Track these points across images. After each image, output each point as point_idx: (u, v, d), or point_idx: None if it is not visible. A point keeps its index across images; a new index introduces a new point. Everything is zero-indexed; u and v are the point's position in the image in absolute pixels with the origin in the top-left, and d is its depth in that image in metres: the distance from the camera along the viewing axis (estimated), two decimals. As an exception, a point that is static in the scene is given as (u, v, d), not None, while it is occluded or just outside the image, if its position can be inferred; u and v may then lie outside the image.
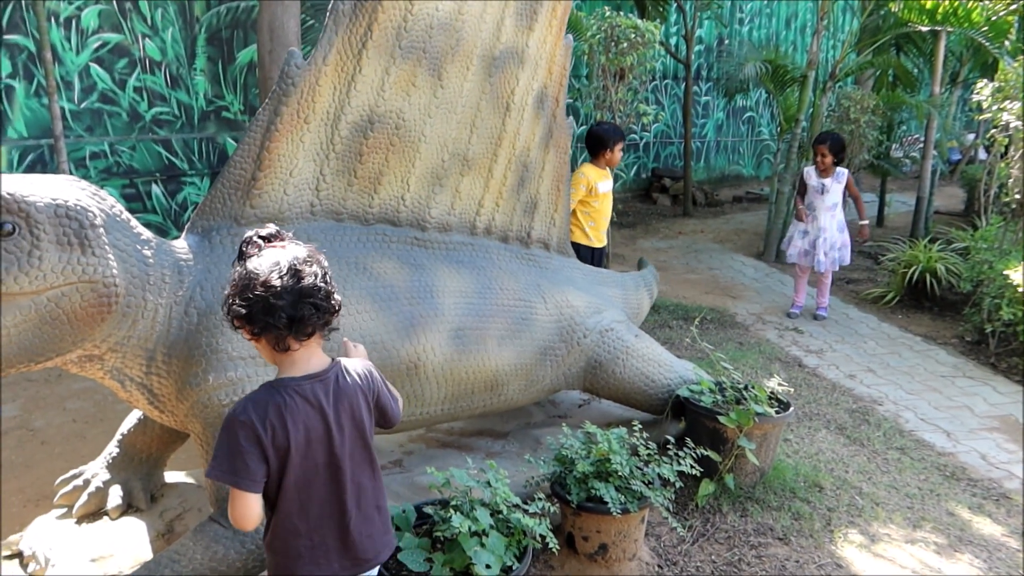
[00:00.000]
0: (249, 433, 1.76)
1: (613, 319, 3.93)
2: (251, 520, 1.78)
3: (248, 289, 1.78)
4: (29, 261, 2.19)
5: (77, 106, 7.29)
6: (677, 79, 13.27)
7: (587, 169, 5.45)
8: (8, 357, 2.24)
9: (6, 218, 2.16)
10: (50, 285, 2.24)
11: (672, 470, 3.11)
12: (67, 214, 2.29)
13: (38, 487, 3.79)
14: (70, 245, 2.28)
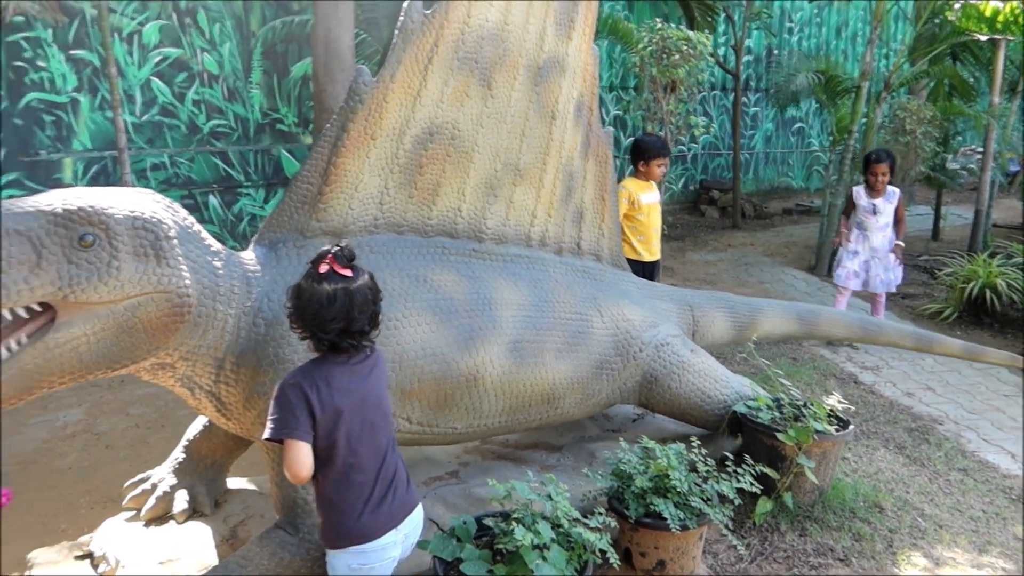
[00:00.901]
0: (297, 392, 2.03)
1: (669, 333, 3.91)
2: (305, 468, 2.02)
3: (305, 311, 2.08)
4: (108, 271, 2.26)
5: (138, 119, 7.51)
6: (726, 90, 13.17)
7: (628, 182, 5.43)
8: (88, 364, 2.32)
9: (87, 230, 2.24)
10: (127, 295, 2.31)
11: (731, 487, 3.08)
12: (144, 226, 2.36)
13: (105, 490, 3.90)
14: (146, 256, 2.35)
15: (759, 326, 4.55)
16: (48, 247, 2.18)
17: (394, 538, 2.21)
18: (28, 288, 2.14)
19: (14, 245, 2.13)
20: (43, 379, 2.26)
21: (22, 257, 2.13)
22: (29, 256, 2.15)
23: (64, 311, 2.24)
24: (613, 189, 4.06)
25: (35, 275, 2.15)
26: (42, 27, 6.92)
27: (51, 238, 2.19)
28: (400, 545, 2.26)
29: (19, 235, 2.15)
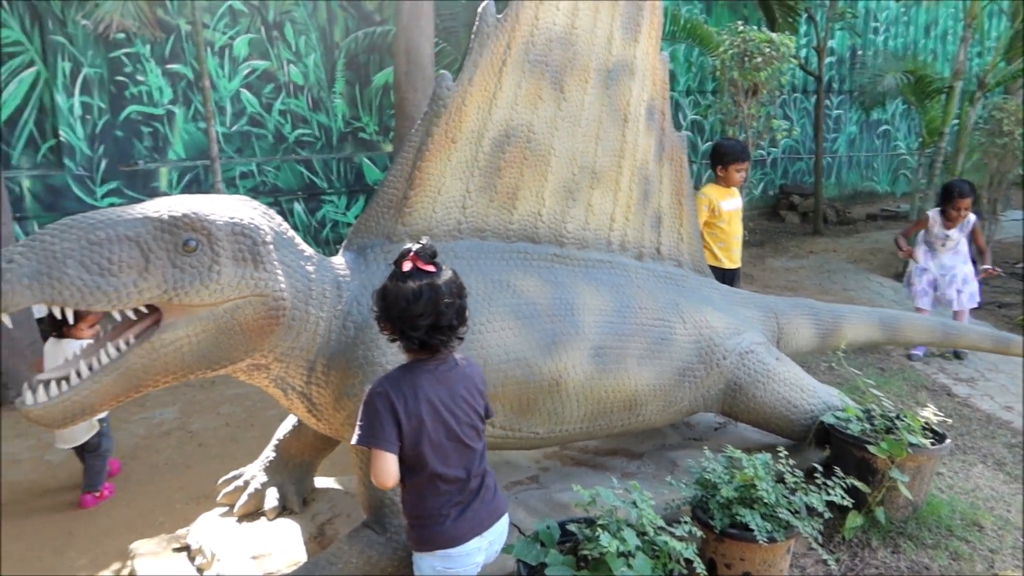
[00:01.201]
0: (384, 400, 2.05)
1: (753, 341, 3.83)
2: (390, 477, 2.05)
3: (392, 309, 2.09)
4: (209, 275, 2.36)
5: (228, 129, 7.81)
6: (807, 92, 12.85)
7: (709, 189, 5.35)
8: (190, 364, 2.42)
9: (190, 235, 2.34)
10: (227, 298, 2.40)
11: (821, 499, 2.99)
12: (242, 232, 2.45)
13: (198, 486, 4.06)
14: (244, 261, 2.44)
15: (843, 333, 4.43)
16: (155, 252, 2.29)
17: (479, 544, 2.22)
18: (137, 291, 2.25)
19: (124, 250, 2.24)
20: (149, 378, 2.37)
21: (131, 261, 2.25)
22: (138, 261, 2.26)
23: (168, 313, 2.35)
24: (689, 193, 4.01)
25: (143, 278, 2.26)
26: (141, 43, 7.27)
27: (158, 243, 2.30)
28: (485, 551, 2.26)
29: (129, 240, 2.26)
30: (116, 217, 2.31)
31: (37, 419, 2.22)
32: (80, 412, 2.28)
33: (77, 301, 2.16)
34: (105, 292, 2.19)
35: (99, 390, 2.28)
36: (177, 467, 4.34)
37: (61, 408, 2.24)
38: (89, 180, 7.15)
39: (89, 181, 7.15)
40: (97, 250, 2.20)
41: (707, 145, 11.88)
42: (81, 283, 2.16)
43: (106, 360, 2.30)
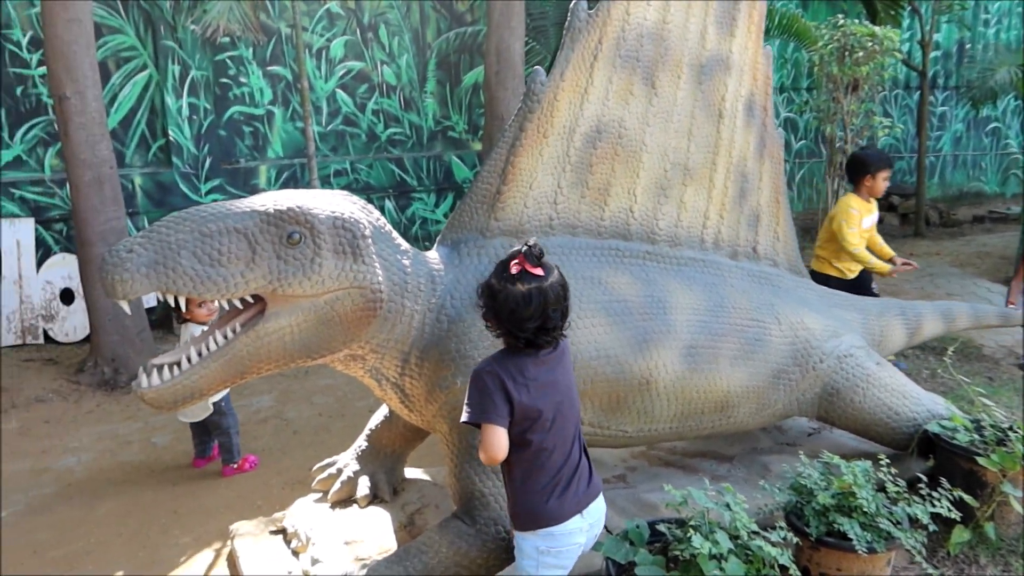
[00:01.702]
0: (493, 378, 2.09)
1: (852, 344, 3.69)
2: (501, 450, 2.07)
3: (501, 311, 2.12)
4: (311, 267, 2.43)
5: (324, 128, 8.05)
6: (909, 89, 12.30)
7: (854, 201, 5.12)
8: (291, 352, 2.51)
9: (294, 228, 2.42)
10: (327, 289, 2.47)
11: (925, 511, 2.85)
12: (343, 225, 2.52)
13: (293, 472, 4.20)
14: (345, 254, 2.51)
15: (923, 331, 4.40)
16: (261, 244, 2.38)
17: (579, 524, 2.23)
18: (244, 281, 2.34)
19: (233, 242, 2.34)
20: (253, 364, 2.47)
21: (240, 253, 2.35)
22: (245, 252, 2.36)
23: (273, 303, 2.44)
24: (786, 191, 3.91)
25: (250, 269, 2.36)
26: (244, 46, 7.58)
27: (264, 236, 2.39)
28: (585, 533, 2.27)
29: (238, 233, 2.36)
30: (226, 211, 2.41)
31: (151, 401, 2.34)
32: (189, 396, 2.39)
33: (190, 290, 2.27)
34: (215, 282, 2.29)
35: (207, 375, 2.39)
36: (273, 453, 4.50)
37: (172, 392, 2.35)
38: (195, 177, 7.50)
39: (195, 178, 7.50)
40: (208, 241, 2.31)
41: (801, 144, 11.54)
42: (193, 273, 2.27)
43: (214, 347, 2.40)
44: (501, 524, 2.61)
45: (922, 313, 4.39)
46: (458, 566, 2.58)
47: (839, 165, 6.55)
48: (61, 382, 5.69)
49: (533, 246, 2.18)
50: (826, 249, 5.30)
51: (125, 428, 4.98)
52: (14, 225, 6.63)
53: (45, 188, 6.93)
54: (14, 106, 6.86)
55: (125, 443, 4.76)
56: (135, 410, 5.22)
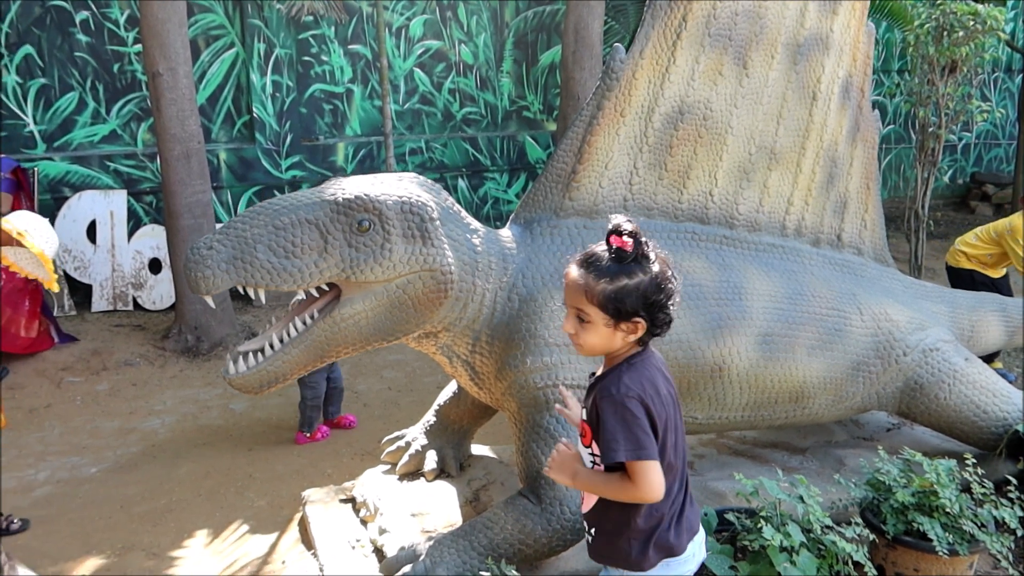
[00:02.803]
0: (637, 404, 1.84)
1: (939, 338, 3.53)
2: (660, 487, 1.81)
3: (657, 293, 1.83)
4: (382, 253, 2.48)
5: (401, 107, 8.14)
6: (1011, 71, 11.64)
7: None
8: (367, 336, 2.57)
9: (363, 216, 2.46)
10: (399, 274, 2.51)
11: (1014, 515, 2.72)
12: (411, 210, 2.54)
13: (363, 443, 4.29)
14: (414, 238, 2.53)
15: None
16: (332, 233, 2.44)
17: (694, 549, 2.00)
18: (318, 271, 2.42)
19: (306, 233, 2.41)
20: (331, 349, 2.54)
21: (312, 243, 2.42)
22: (318, 242, 2.43)
23: (347, 289, 2.50)
24: (878, 177, 3.75)
25: (323, 259, 2.43)
26: (327, 25, 7.70)
27: (335, 225, 2.45)
28: (697, 557, 2.03)
29: (310, 224, 2.43)
30: (297, 202, 2.48)
31: (239, 387, 2.46)
32: (273, 380, 2.49)
33: (267, 282, 2.37)
34: (291, 273, 2.37)
35: (289, 360, 2.48)
36: (344, 424, 4.61)
37: (257, 377, 2.46)
38: (276, 154, 7.69)
39: (276, 155, 7.69)
40: (282, 234, 2.39)
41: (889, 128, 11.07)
42: (270, 265, 2.36)
43: (294, 333, 2.48)
44: (567, 504, 2.61)
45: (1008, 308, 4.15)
46: (522, 544, 2.59)
47: (931, 151, 6.25)
48: (148, 347, 5.95)
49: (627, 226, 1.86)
50: (979, 250, 5.14)
51: (205, 393, 5.18)
52: (108, 196, 6.93)
53: (137, 161, 7.22)
54: (111, 82, 7.15)
55: (205, 408, 4.95)
56: (215, 376, 5.42)
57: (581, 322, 1.84)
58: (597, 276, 1.80)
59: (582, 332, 1.85)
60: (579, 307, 1.83)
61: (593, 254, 1.84)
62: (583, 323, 1.84)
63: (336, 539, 3.12)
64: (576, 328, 1.85)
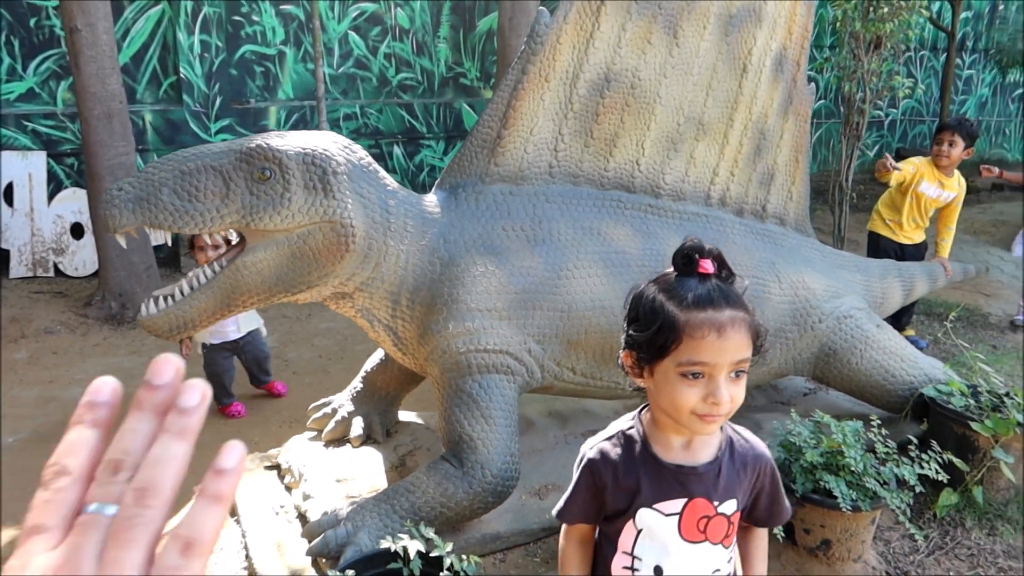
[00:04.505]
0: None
1: (853, 305, 3.67)
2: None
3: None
4: (281, 202, 2.48)
5: (335, 71, 7.96)
6: (936, 50, 11.99)
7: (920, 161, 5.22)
8: (270, 286, 2.56)
9: (264, 165, 2.47)
10: (299, 224, 2.52)
11: (913, 472, 2.86)
12: (313, 161, 2.54)
13: (291, 411, 4.26)
14: (315, 189, 2.53)
15: (915, 291, 4.50)
16: (235, 180, 2.46)
17: None
18: (219, 216, 2.43)
19: (209, 179, 2.43)
20: (236, 297, 2.55)
21: (215, 189, 2.44)
22: (220, 188, 2.45)
23: (251, 238, 2.52)
24: (808, 150, 3.84)
25: (224, 204, 2.44)
26: (256, -17, 7.46)
27: (237, 173, 2.46)
28: None
29: (214, 170, 2.45)
30: (207, 150, 2.51)
31: (148, 328, 2.51)
32: (182, 325, 2.52)
33: (170, 224, 2.40)
34: (192, 216, 2.40)
35: (197, 306, 2.50)
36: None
37: (166, 320, 2.49)
38: (205, 116, 7.46)
39: (205, 117, 7.46)
40: (187, 179, 2.42)
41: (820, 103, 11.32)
42: (173, 208, 2.39)
43: (203, 280, 2.52)
44: (488, 468, 2.64)
45: (914, 274, 4.46)
46: (444, 507, 2.62)
47: (856, 125, 6.43)
48: (69, 315, 5.76)
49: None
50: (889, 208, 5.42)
51: (130, 362, 5.05)
52: (26, 158, 6.64)
53: (57, 121, 6.92)
54: (27, 37, 6.81)
55: (129, 376, 4.81)
56: (140, 344, 5.29)
57: (736, 377, 1.38)
58: (744, 307, 1.39)
59: (738, 392, 1.39)
60: (743, 357, 1.37)
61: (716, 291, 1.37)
62: (739, 377, 1.39)
63: (259, 505, 3.10)
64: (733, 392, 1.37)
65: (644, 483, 1.49)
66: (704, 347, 1.34)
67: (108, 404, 0.54)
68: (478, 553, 2.76)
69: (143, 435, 0.52)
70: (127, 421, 0.53)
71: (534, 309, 2.89)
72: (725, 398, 1.34)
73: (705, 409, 1.36)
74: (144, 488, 0.49)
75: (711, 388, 1.34)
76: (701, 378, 1.35)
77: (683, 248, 1.43)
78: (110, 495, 0.49)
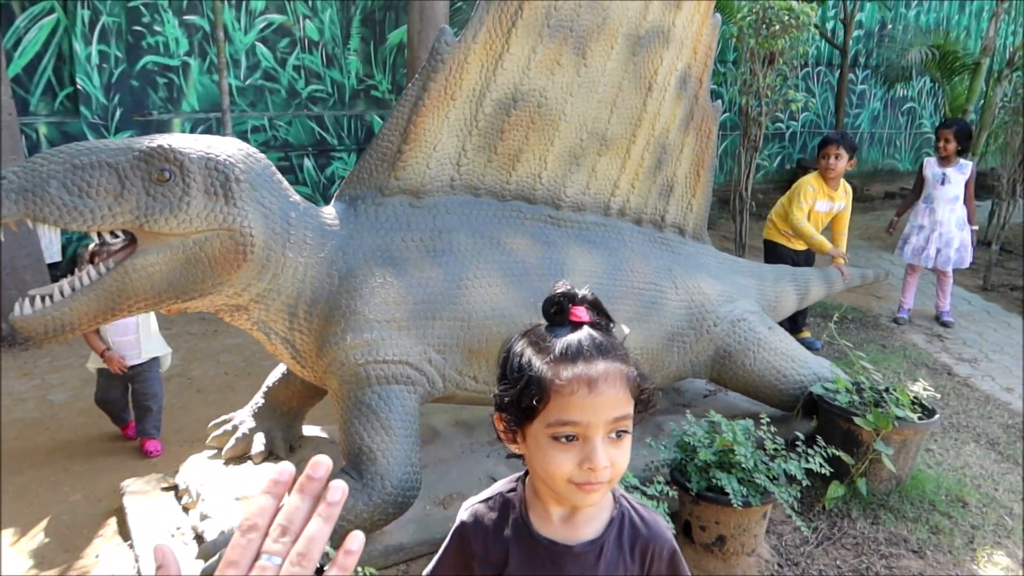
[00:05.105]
0: None
1: (746, 309, 3.82)
2: None
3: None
4: (179, 205, 2.43)
5: (242, 83, 7.81)
6: (831, 66, 12.60)
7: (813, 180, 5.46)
8: (160, 291, 2.49)
9: (164, 166, 2.41)
10: (196, 229, 2.46)
11: (799, 467, 3.00)
12: (215, 167, 2.50)
13: (194, 430, 4.14)
14: (215, 195, 2.49)
15: (810, 296, 4.69)
16: (131, 179, 2.38)
17: None
18: (111, 214, 2.35)
19: (103, 175, 2.35)
20: (123, 301, 2.46)
21: (108, 186, 2.35)
22: (114, 186, 2.36)
23: (143, 240, 2.44)
24: (712, 164, 3.97)
25: (118, 203, 2.36)
26: (157, -8, 7.25)
27: (134, 171, 2.39)
28: None
29: (109, 167, 2.36)
30: (102, 146, 2.41)
31: (21, 329, 2.37)
32: (59, 328, 2.40)
33: (56, 219, 2.29)
34: (82, 212, 2.30)
35: (78, 308, 2.40)
36: (175, 411, 4.42)
37: (42, 322, 2.37)
38: (104, 128, 7.19)
39: (104, 130, 7.19)
40: (79, 173, 2.32)
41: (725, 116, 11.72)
42: (61, 202, 2.29)
43: (87, 281, 2.42)
44: (388, 479, 2.64)
45: (809, 279, 4.64)
46: (344, 520, 2.60)
47: (754, 137, 6.70)
48: (-46, 338, 5.45)
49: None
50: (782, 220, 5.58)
51: (21, 385, 4.81)
52: (-96, 173, 6.26)
53: (-61, 134, 6.54)
54: (-96, 46, 6.43)
55: (20, 400, 4.61)
56: (32, 367, 5.05)
57: (617, 438, 1.20)
58: (621, 358, 1.22)
59: (619, 455, 1.20)
60: (621, 415, 1.19)
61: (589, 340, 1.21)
62: (619, 439, 1.20)
63: (154, 528, 3.01)
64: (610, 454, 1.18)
65: (513, 558, 1.30)
66: (574, 405, 1.16)
67: (286, 484, 0.76)
68: (380, 565, 2.76)
69: (302, 512, 0.75)
70: (292, 499, 0.75)
71: (434, 319, 2.91)
72: (602, 462, 1.15)
73: (582, 477, 1.16)
74: (303, 554, 0.74)
75: (587, 452, 1.16)
76: (575, 441, 1.17)
77: (552, 295, 1.25)
78: (278, 551, 0.73)
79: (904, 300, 6.53)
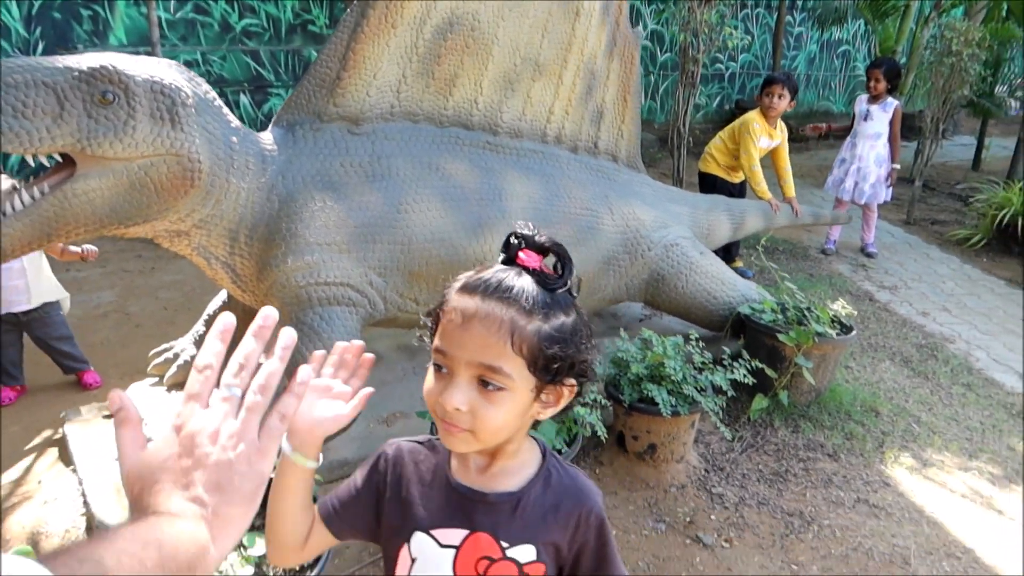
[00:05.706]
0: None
1: (679, 235, 3.96)
2: None
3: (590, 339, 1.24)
4: (124, 129, 2.37)
5: (172, 15, 7.54)
6: (770, 8, 12.72)
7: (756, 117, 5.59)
8: (101, 217, 2.44)
9: (108, 87, 2.33)
10: (141, 154, 2.42)
11: (725, 378, 3.18)
12: (162, 90, 2.45)
13: (133, 363, 4.12)
14: (162, 119, 2.44)
15: (746, 226, 4.85)
16: (71, 100, 2.28)
17: None
18: (50, 136, 2.25)
19: (40, 95, 2.23)
20: (60, 227, 2.40)
21: (47, 107, 2.25)
22: (53, 107, 2.26)
23: (83, 164, 2.37)
24: (637, 91, 4.05)
25: (57, 125, 2.26)
26: (76, -83, 6.90)
27: (74, 92, 2.29)
28: None
29: (46, 86, 2.25)
30: (37, 64, 2.30)
31: None
32: None
33: None
34: (17, 134, 2.20)
35: (11, 235, 2.32)
36: (113, 346, 4.39)
37: None
38: (24, 62, 6.88)
39: (24, 63, 6.88)
40: (12, 92, 2.20)
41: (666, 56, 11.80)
42: None
43: (20, 207, 2.32)
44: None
45: (745, 210, 4.79)
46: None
47: (691, 74, 6.79)
48: None
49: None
50: (723, 152, 5.70)
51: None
52: None
53: None
54: None
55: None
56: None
57: (486, 388, 1.10)
58: (524, 309, 1.10)
59: (485, 407, 1.10)
60: (489, 363, 1.08)
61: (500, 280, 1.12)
62: (489, 391, 1.10)
63: (97, 454, 3.03)
64: (473, 401, 1.09)
65: (425, 500, 1.23)
66: (446, 332, 1.11)
67: (231, 332, 0.88)
68: (326, 479, 2.85)
69: (257, 353, 0.87)
70: (246, 341, 0.87)
71: (374, 242, 2.95)
72: (453, 402, 1.08)
73: (441, 412, 1.11)
74: (264, 385, 0.86)
75: (447, 387, 1.10)
76: (446, 374, 1.11)
77: (509, 234, 1.18)
78: (237, 384, 0.85)
79: (831, 232, 6.80)
